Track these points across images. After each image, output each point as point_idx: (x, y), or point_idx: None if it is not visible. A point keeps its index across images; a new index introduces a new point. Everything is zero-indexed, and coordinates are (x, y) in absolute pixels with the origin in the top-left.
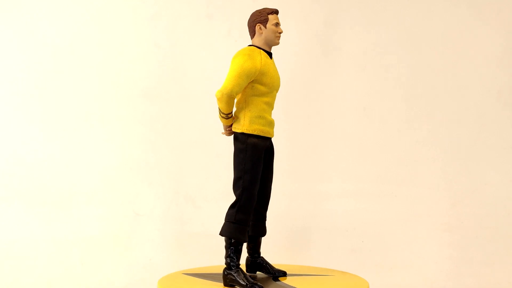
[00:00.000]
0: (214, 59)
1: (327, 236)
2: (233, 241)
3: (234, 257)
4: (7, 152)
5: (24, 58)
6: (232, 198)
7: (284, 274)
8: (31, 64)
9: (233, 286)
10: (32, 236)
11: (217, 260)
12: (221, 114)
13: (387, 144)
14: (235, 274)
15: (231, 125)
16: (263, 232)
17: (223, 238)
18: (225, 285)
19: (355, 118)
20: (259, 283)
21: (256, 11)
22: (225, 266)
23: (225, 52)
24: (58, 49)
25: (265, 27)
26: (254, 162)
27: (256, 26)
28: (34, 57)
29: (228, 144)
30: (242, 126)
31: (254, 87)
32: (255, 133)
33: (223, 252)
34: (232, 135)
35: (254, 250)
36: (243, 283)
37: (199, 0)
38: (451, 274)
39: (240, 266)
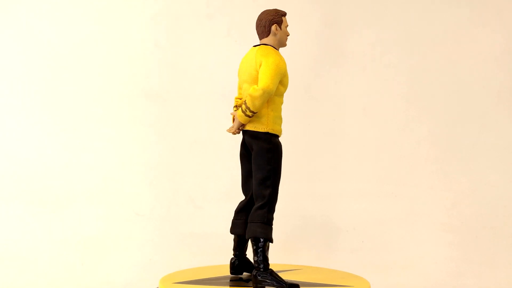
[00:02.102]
0: (214, 59)
1: (327, 236)
2: (262, 241)
3: (267, 258)
4: (7, 152)
5: (23, 58)
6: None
7: None
8: (30, 64)
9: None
10: (32, 236)
11: (217, 260)
12: (248, 113)
13: (387, 144)
14: (270, 276)
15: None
16: None
17: (246, 240)
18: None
19: (355, 118)
20: (295, 282)
21: (271, 10)
22: (258, 269)
23: (225, 52)
24: (57, 49)
25: (280, 28)
26: (279, 161)
27: (273, 26)
28: (34, 57)
29: (228, 144)
30: (267, 126)
31: (278, 87)
32: (277, 133)
33: (223, 252)
34: (240, 134)
35: (243, 250)
36: (280, 283)
37: (199, 0)
38: (451, 274)
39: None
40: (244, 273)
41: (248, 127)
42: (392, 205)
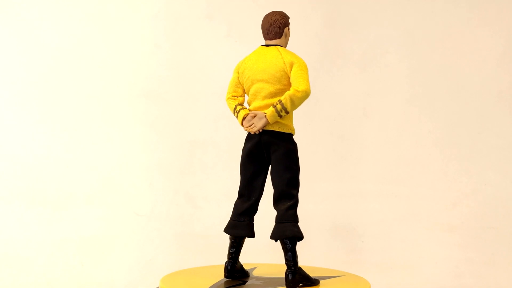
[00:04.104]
0: (214, 59)
1: (327, 236)
2: (295, 240)
3: (297, 256)
4: (7, 152)
5: (24, 58)
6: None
7: (248, 274)
8: (31, 64)
9: (298, 285)
10: (32, 236)
11: (217, 260)
12: (283, 113)
13: (387, 144)
14: (301, 273)
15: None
16: None
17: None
18: (292, 286)
19: (355, 118)
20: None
21: (281, 12)
22: (291, 267)
23: (225, 52)
24: (58, 49)
25: (289, 31)
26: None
27: (286, 28)
28: (34, 57)
29: (228, 144)
30: (289, 127)
31: None
32: (294, 133)
33: (222, 252)
34: (259, 132)
35: (239, 252)
36: (310, 280)
37: (199, 1)
38: (451, 274)
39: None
40: (236, 275)
41: (272, 127)
42: (392, 205)
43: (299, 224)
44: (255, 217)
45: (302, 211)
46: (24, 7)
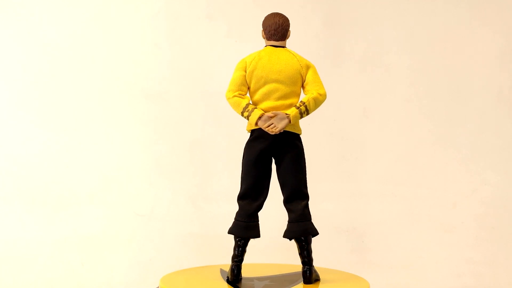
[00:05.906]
0: (214, 59)
1: (327, 236)
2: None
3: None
4: (7, 152)
5: (23, 58)
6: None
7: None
8: (31, 64)
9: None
10: (32, 236)
11: (217, 260)
12: (304, 115)
13: (387, 144)
14: (315, 270)
15: None
16: None
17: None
18: (311, 283)
19: (355, 118)
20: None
21: (284, 15)
22: (309, 264)
23: (225, 52)
24: (58, 49)
25: None
26: None
27: (289, 31)
28: (34, 57)
29: (228, 144)
30: (299, 128)
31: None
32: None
33: (222, 252)
34: (280, 134)
35: (244, 254)
36: (318, 275)
37: (199, 0)
38: (451, 274)
39: (227, 275)
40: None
41: (288, 128)
42: (392, 205)
43: None
44: None
45: None
46: (24, 6)
